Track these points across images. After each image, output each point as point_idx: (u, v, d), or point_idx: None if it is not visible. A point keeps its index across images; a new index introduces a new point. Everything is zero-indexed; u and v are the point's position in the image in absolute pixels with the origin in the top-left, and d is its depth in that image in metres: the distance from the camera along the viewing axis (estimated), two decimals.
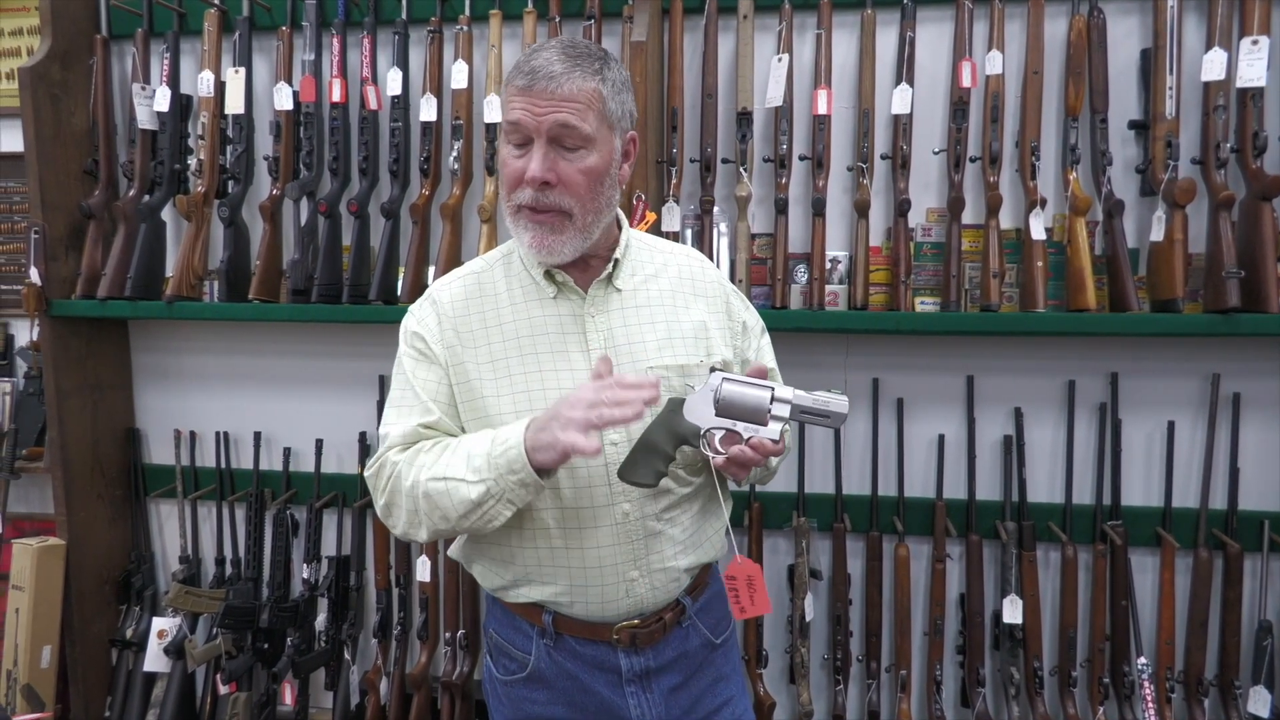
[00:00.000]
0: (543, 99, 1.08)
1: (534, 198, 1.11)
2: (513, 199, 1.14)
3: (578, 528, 1.17)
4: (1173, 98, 1.76)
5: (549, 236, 1.14)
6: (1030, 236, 1.81)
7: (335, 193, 2.07)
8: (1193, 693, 1.85)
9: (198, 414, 2.34)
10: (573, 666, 1.22)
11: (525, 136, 1.11)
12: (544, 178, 1.10)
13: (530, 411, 1.14)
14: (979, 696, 1.93)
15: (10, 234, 2.39)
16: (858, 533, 2.02)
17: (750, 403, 1.12)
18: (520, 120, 1.10)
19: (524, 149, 1.11)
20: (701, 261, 1.34)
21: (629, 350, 1.20)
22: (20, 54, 2.35)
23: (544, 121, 1.09)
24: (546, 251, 1.15)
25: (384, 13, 2.09)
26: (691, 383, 1.21)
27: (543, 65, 1.09)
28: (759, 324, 1.38)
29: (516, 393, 1.17)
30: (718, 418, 1.12)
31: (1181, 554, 1.89)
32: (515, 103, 1.10)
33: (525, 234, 1.15)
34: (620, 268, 1.23)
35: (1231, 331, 1.70)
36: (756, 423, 1.12)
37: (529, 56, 1.12)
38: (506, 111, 1.12)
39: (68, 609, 2.19)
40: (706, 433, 1.13)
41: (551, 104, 1.08)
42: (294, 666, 2.13)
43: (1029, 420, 1.95)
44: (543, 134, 1.09)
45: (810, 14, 1.94)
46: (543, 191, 1.11)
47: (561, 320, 1.20)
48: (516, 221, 1.15)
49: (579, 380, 1.17)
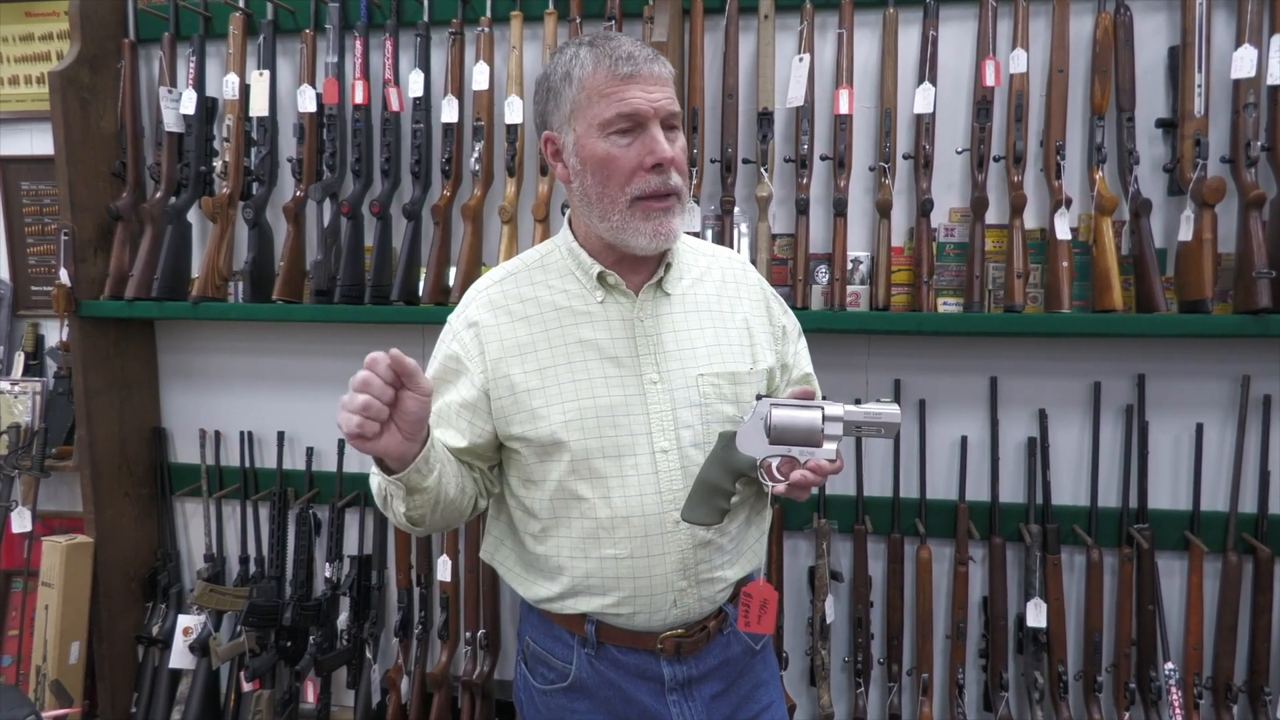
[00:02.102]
0: (651, 83, 1.08)
1: (661, 183, 1.09)
2: (628, 191, 1.10)
3: (628, 538, 1.15)
4: (1201, 95, 1.74)
5: (671, 221, 1.12)
6: (1055, 236, 1.79)
7: (358, 194, 2.09)
8: (1221, 699, 1.82)
9: (222, 413, 2.36)
10: (615, 676, 1.21)
11: (637, 123, 1.08)
12: (677, 157, 1.10)
13: (580, 421, 1.13)
14: (1002, 701, 1.91)
15: (40, 235, 2.43)
16: (879, 535, 2.01)
17: (803, 425, 1.10)
18: (638, 108, 1.07)
19: (630, 138, 1.09)
20: (743, 264, 1.32)
21: (678, 356, 1.18)
22: (50, 58, 2.38)
23: (659, 106, 1.09)
24: (668, 238, 1.12)
25: (406, 15, 2.11)
26: (740, 390, 1.19)
27: (638, 51, 1.09)
28: (796, 327, 1.37)
29: (566, 402, 1.14)
30: (772, 446, 1.11)
31: (1210, 558, 1.86)
32: (625, 92, 1.07)
33: (646, 225, 1.11)
34: (671, 272, 1.21)
35: (1262, 333, 1.68)
36: (811, 445, 1.10)
37: (611, 45, 1.09)
38: (612, 104, 1.08)
39: (95, 606, 2.22)
40: (763, 462, 1.11)
41: (659, 87, 1.09)
42: (316, 665, 2.15)
43: (1053, 422, 1.93)
44: (659, 118, 1.09)
45: (832, 13, 1.93)
46: (667, 174, 1.10)
47: (610, 326, 1.18)
48: (631, 215, 1.11)
49: (629, 388, 1.15)
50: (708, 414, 1.17)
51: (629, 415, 1.15)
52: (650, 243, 1.12)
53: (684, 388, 1.17)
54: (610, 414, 1.14)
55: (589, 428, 1.14)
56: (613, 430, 1.14)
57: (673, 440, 1.16)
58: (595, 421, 1.14)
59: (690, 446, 1.17)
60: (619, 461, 1.14)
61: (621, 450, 1.14)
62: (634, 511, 1.15)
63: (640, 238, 1.12)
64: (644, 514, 1.15)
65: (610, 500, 1.15)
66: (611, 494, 1.15)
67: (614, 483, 1.14)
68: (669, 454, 1.15)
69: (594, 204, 1.13)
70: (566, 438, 1.14)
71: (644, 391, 1.16)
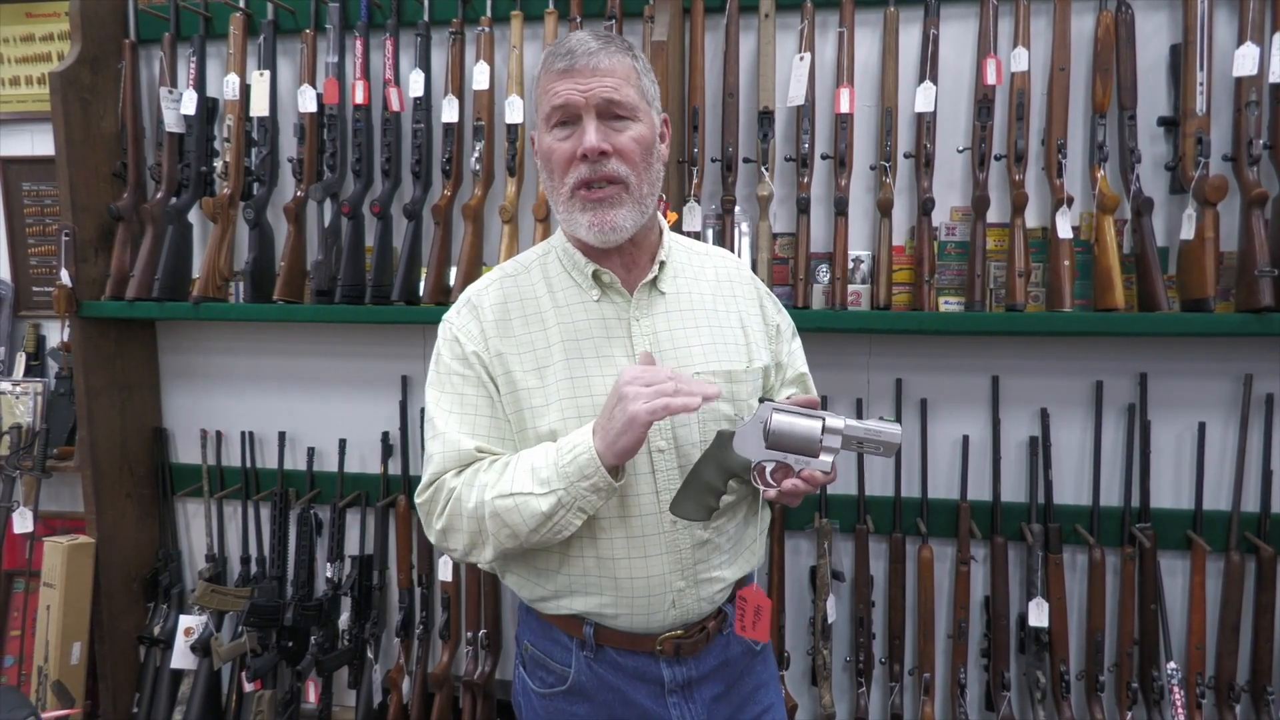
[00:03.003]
0: (586, 75, 1.09)
1: (591, 169, 1.10)
2: (566, 181, 1.12)
3: (625, 538, 1.15)
4: (1203, 94, 1.73)
5: (608, 213, 1.11)
6: (1057, 235, 1.79)
7: (358, 194, 2.09)
8: (1224, 698, 1.82)
9: (223, 414, 2.36)
10: (614, 679, 1.21)
11: (573, 115, 1.10)
12: (600, 146, 1.09)
13: (578, 419, 1.13)
14: (1004, 700, 1.90)
15: (41, 236, 2.43)
16: (880, 534, 2.00)
17: (801, 434, 1.09)
18: (568, 100, 1.09)
19: (570, 130, 1.11)
20: (737, 263, 1.33)
21: (674, 355, 1.18)
22: (51, 59, 2.38)
23: (591, 96, 1.09)
24: (608, 229, 1.12)
25: (406, 15, 2.11)
26: (737, 389, 1.19)
27: (579, 45, 1.10)
28: (790, 326, 1.37)
29: (563, 399, 1.14)
30: (768, 450, 1.10)
31: (1213, 557, 1.85)
32: (558, 86, 1.10)
33: (584, 216, 1.12)
34: (665, 270, 1.22)
35: (1265, 331, 1.67)
36: (808, 454, 1.09)
37: (560, 43, 1.12)
38: (548, 99, 1.11)
39: (97, 606, 2.23)
40: (757, 466, 1.11)
41: (596, 78, 1.09)
42: (318, 665, 2.15)
43: (1055, 421, 1.93)
44: (591, 108, 1.09)
45: (832, 12, 1.93)
46: (600, 162, 1.10)
47: (606, 324, 1.18)
48: (571, 206, 1.13)
49: None
50: (704, 413, 1.17)
51: None
52: (589, 234, 1.13)
53: None
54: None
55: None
56: None
57: (669, 439, 1.16)
58: (592, 420, 1.14)
59: (687, 445, 1.17)
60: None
61: None
62: (630, 511, 1.15)
63: (581, 229, 1.14)
64: (641, 513, 1.15)
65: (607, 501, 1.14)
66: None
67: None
68: (665, 453, 1.15)
69: (551, 197, 1.17)
70: (564, 435, 1.13)
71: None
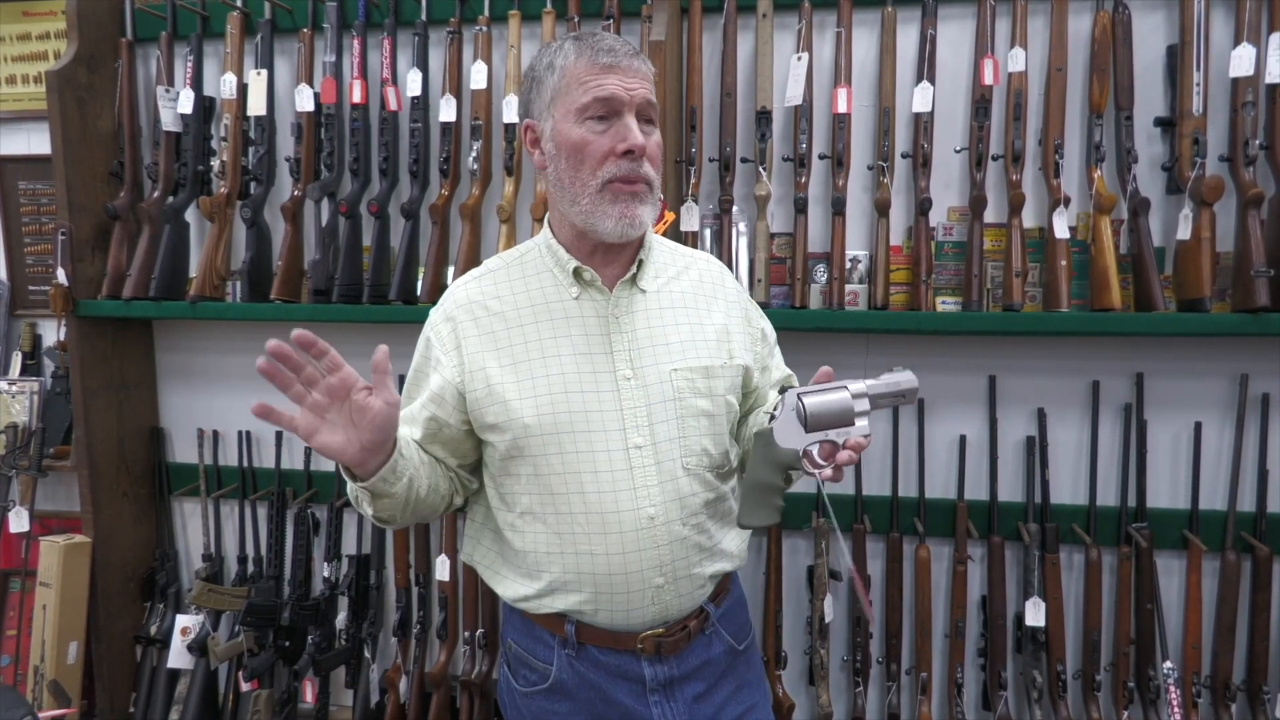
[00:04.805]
0: (629, 74, 1.13)
1: (630, 168, 1.13)
2: (599, 175, 1.13)
3: (602, 533, 1.16)
4: (1200, 94, 1.74)
5: (638, 206, 1.15)
6: (1054, 235, 1.79)
7: (355, 193, 2.09)
8: (1220, 697, 1.82)
9: (220, 413, 2.36)
10: (595, 677, 1.21)
11: (614, 110, 1.12)
12: (645, 145, 1.13)
13: (553, 415, 1.14)
14: (1001, 700, 1.91)
15: (38, 235, 2.43)
16: (878, 534, 2.00)
17: (836, 408, 1.11)
18: (614, 94, 1.12)
19: (607, 125, 1.13)
20: (721, 268, 1.35)
21: (652, 352, 1.19)
22: (47, 58, 2.38)
23: (635, 96, 1.13)
24: (633, 223, 1.15)
25: (404, 14, 2.10)
26: (714, 384, 1.20)
27: (619, 44, 1.14)
28: (772, 334, 1.39)
29: (539, 395, 1.16)
30: (810, 434, 1.12)
31: (1209, 557, 1.85)
32: (603, 79, 1.12)
33: (613, 207, 1.14)
34: (645, 268, 1.23)
35: (1260, 331, 1.68)
36: (846, 425, 1.11)
37: (591, 41, 1.14)
38: (588, 89, 1.12)
39: (93, 606, 2.22)
40: (804, 451, 1.12)
41: (638, 79, 1.14)
42: (315, 664, 2.15)
43: (1052, 421, 1.93)
44: (634, 108, 1.13)
45: (830, 12, 1.93)
46: (638, 162, 1.13)
47: (585, 321, 1.19)
48: (601, 199, 1.14)
49: (602, 383, 1.16)
50: (681, 409, 1.18)
51: (601, 411, 1.16)
52: (616, 226, 1.14)
53: (658, 383, 1.18)
54: (583, 409, 1.15)
55: (561, 422, 1.15)
56: (585, 425, 1.15)
57: (647, 436, 1.16)
58: (568, 416, 1.15)
59: (664, 441, 1.17)
60: (592, 457, 1.15)
61: (595, 445, 1.15)
62: (608, 507, 1.15)
63: (607, 220, 1.14)
64: (618, 510, 1.15)
65: (585, 496, 1.15)
66: (585, 489, 1.15)
67: (588, 478, 1.15)
68: (643, 449, 1.16)
69: (566, 189, 1.16)
70: (539, 431, 1.15)
71: (618, 387, 1.17)
